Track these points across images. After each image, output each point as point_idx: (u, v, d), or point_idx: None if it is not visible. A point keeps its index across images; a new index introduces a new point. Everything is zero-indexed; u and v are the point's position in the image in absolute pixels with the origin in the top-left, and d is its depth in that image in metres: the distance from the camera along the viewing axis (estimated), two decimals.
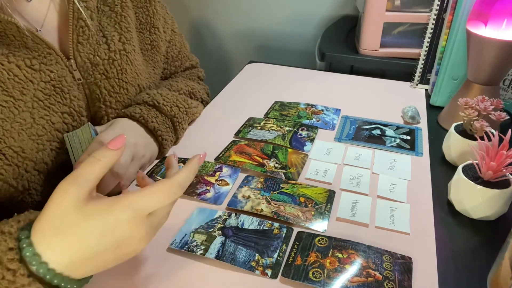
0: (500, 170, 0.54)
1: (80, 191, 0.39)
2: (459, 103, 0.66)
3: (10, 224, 0.39)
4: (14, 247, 0.37)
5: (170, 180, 0.42)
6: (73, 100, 0.59)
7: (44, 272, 0.37)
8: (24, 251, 0.37)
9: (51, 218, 0.38)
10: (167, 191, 0.41)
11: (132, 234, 0.39)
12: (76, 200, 0.38)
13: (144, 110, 0.66)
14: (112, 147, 0.42)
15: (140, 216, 0.39)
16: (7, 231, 0.38)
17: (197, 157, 0.46)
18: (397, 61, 1.07)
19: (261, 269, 0.49)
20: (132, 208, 0.39)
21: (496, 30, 0.67)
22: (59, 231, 0.38)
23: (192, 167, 0.45)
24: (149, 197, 0.40)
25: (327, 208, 0.58)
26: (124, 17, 0.67)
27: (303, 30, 1.55)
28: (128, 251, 0.40)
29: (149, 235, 0.41)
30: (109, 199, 0.40)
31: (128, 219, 0.39)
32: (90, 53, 0.61)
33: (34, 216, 0.42)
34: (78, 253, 0.38)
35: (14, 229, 0.39)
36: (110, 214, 0.38)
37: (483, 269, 0.49)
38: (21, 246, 0.38)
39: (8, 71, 0.51)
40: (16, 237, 0.38)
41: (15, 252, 0.37)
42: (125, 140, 0.43)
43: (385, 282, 0.47)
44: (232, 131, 0.78)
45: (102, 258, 0.39)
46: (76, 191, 0.39)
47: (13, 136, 0.52)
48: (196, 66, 0.92)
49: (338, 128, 0.79)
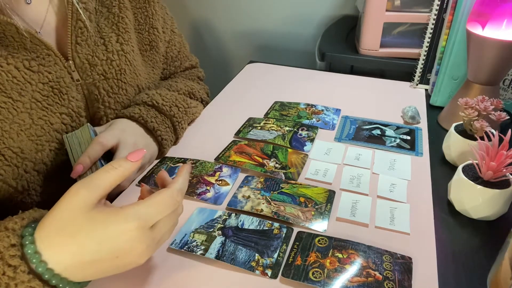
0: (500, 170, 0.54)
1: (90, 195, 0.39)
2: (459, 103, 0.66)
3: (14, 220, 0.40)
4: (17, 244, 0.38)
5: (169, 188, 0.42)
6: (71, 101, 0.59)
7: (43, 271, 0.37)
8: (26, 248, 0.38)
9: (57, 216, 0.39)
10: (169, 199, 0.42)
11: (133, 246, 0.39)
12: (84, 203, 0.39)
13: (143, 110, 0.66)
14: (130, 159, 0.43)
15: (143, 227, 0.39)
16: (10, 228, 0.39)
17: (188, 165, 0.47)
18: (397, 61, 1.06)
19: (261, 269, 0.49)
20: (135, 218, 0.39)
21: (496, 30, 0.67)
22: (62, 231, 0.38)
23: (186, 173, 0.46)
24: (152, 207, 0.40)
25: (327, 208, 0.58)
26: (121, 18, 0.67)
27: (303, 30, 1.55)
28: (128, 262, 0.40)
29: (150, 249, 0.41)
30: (115, 208, 0.40)
31: (130, 230, 0.39)
32: (88, 54, 0.61)
33: (39, 214, 0.43)
34: (77, 257, 0.38)
35: (18, 226, 0.39)
36: (112, 223, 0.38)
37: (483, 269, 0.49)
38: (23, 243, 0.38)
39: (7, 73, 0.52)
40: (19, 234, 0.39)
41: (17, 248, 0.38)
42: (144, 154, 0.44)
43: (385, 282, 0.47)
44: (232, 131, 0.78)
45: (101, 265, 0.39)
46: (86, 194, 0.39)
47: (12, 136, 0.52)
48: (196, 66, 0.92)
49: (338, 128, 0.79)
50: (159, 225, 0.42)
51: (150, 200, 0.41)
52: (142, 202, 0.41)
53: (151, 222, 0.40)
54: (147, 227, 0.40)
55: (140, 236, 0.39)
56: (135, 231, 0.39)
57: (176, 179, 0.44)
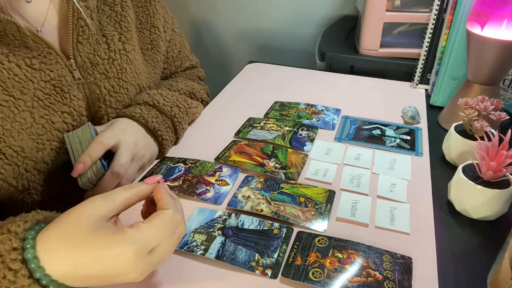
0: (500, 170, 0.54)
1: (104, 207, 0.40)
2: (459, 103, 0.66)
3: (17, 223, 0.39)
4: (18, 247, 0.38)
5: (169, 210, 0.42)
6: (73, 100, 0.59)
7: (40, 276, 0.37)
8: (26, 252, 0.37)
9: (63, 221, 0.39)
10: (170, 220, 0.42)
11: (128, 270, 0.39)
12: (96, 213, 0.39)
13: (144, 110, 0.66)
14: (147, 182, 0.45)
15: (141, 252, 0.39)
16: (13, 230, 0.39)
17: (160, 184, 0.45)
18: (397, 61, 1.06)
19: (261, 269, 0.49)
20: (134, 243, 0.39)
21: (496, 30, 0.67)
22: (63, 238, 0.38)
23: (167, 190, 0.45)
24: (152, 231, 0.40)
25: (327, 208, 0.58)
26: (124, 17, 0.67)
27: (303, 30, 1.55)
28: (124, 280, 0.40)
29: (146, 273, 0.41)
30: (119, 229, 0.40)
31: (127, 254, 0.38)
32: (90, 52, 0.61)
33: (42, 216, 0.42)
34: (73, 269, 0.38)
35: (21, 229, 0.39)
36: (111, 244, 0.38)
37: (483, 269, 0.49)
38: (24, 247, 0.38)
39: (8, 71, 0.51)
40: (22, 237, 0.38)
41: (18, 252, 0.37)
42: (159, 178, 0.46)
43: (385, 282, 0.47)
44: (232, 131, 0.78)
45: (97, 280, 0.39)
46: (102, 204, 0.40)
47: (13, 135, 0.52)
48: (196, 66, 0.92)
49: (338, 128, 0.79)
50: (157, 249, 0.41)
51: (151, 222, 0.41)
52: (143, 225, 0.40)
53: (150, 247, 0.40)
54: (145, 252, 0.39)
55: (137, 262, 0.39)
56: (132, 257, 0.38)
57: (162, 199, 0.43)
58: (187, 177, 0.64)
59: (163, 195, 0.44)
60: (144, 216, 0.48)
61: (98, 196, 0.41)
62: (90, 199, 0.40)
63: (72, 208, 0.40)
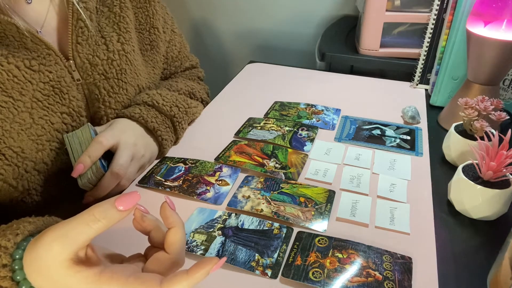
0: (500, 170, 0.54)
1: (63, 251, 0.34)
2: (459, 103, 0.66)
3: (8, 237, 0.37)
4: (8, 264, 0.36)
5: (148, 274, 0.36)
6: (72, 101, 0.59)
7: None
8: (15, 274, 0.36)
9: (36, 256, 0.35)
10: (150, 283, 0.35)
11: None
12: (56, 260, 0.34)
13: (144, 110, 0.66)
14: (119, 205, 0.34)
15: None
16: (3, 246, 0.37)
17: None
18: (397, 61, 1.06)
19: (261, 269, 0.49)
20: None
21: (496, 30, 0.67)
22: (40, 271, 0.35)
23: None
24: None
25: (327, 208, 0.58)
26: (122, 18, 0.67)
27: (303, 30, 1.55)
28: None
29: None
30: (93, 270, 0.34)
31: None
32: (89, 53, 0.61)
33: (33, 227, 0.40)
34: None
35: (11, 243, 0.37)
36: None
37: (483, 269, 0.49)
38: (13, 268, 0.36)
39: (8, 72, 0.52)
40: (11, 253, 0.36)
41: (8, 269, 0.36)
42: (138, 200, 0.35)
43: (385, 282, 0.47)
44: (232, 131, 0.78)
45: None
46: (59, 251, 0.33)
47: (13, 136, 0.52)
48: (196, 66, 0.92)
49: (338, 128, 0.79)
50: None
51: (133, 282, 0.34)
52: (123, 283, 0.34)
53: None
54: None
55: None
56: None
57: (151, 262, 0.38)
58: (187, 177, 0.64)
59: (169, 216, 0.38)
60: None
61: (54, 238, 0.34)
62: (46, 243, 0.34)
63: (34, 245, 0.35)
